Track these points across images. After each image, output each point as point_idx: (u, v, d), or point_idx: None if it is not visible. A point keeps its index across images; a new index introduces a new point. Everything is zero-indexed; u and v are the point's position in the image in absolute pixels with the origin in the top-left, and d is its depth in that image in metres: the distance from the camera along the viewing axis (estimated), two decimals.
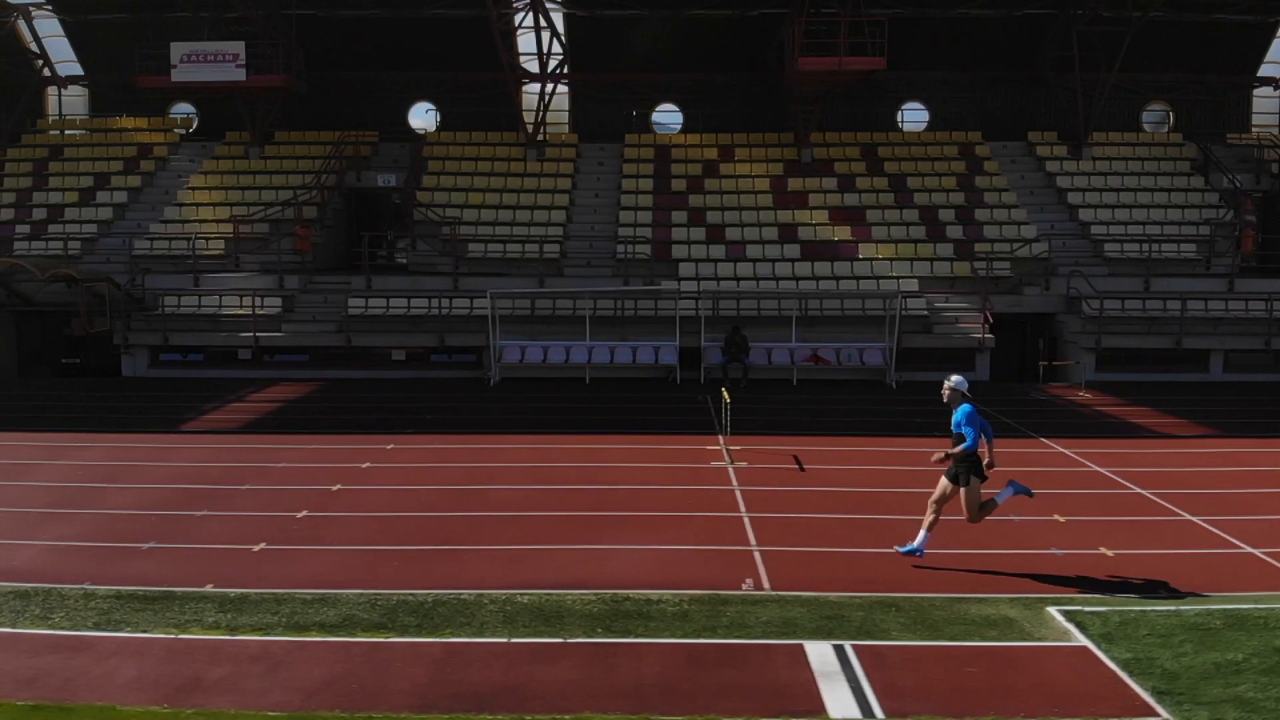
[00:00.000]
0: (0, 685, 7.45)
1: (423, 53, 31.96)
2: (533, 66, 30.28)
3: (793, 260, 25.39)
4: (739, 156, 29.85)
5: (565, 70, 30.68)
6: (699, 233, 26.54)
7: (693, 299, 23.27)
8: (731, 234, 26.49)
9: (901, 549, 10.53)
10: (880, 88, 31.14)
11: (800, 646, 8.32)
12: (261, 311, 23.77)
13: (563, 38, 29.78)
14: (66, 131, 32.38)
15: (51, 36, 33.01)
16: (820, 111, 29.50)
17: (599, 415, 18.91)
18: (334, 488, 13.40)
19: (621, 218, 27.42)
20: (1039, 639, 8.55)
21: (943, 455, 10.14)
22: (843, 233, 26.42)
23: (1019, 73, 31.91)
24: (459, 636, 8.45)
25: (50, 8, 31.60)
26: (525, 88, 32.91)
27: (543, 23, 30.38)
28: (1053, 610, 9.15)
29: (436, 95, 33.57)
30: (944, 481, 10.26)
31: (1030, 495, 10.55)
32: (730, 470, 14.39)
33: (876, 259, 25.41)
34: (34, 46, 32.13)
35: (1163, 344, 23.55)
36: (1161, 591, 9.66)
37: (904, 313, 22.76)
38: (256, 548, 10.86)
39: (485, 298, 23.88)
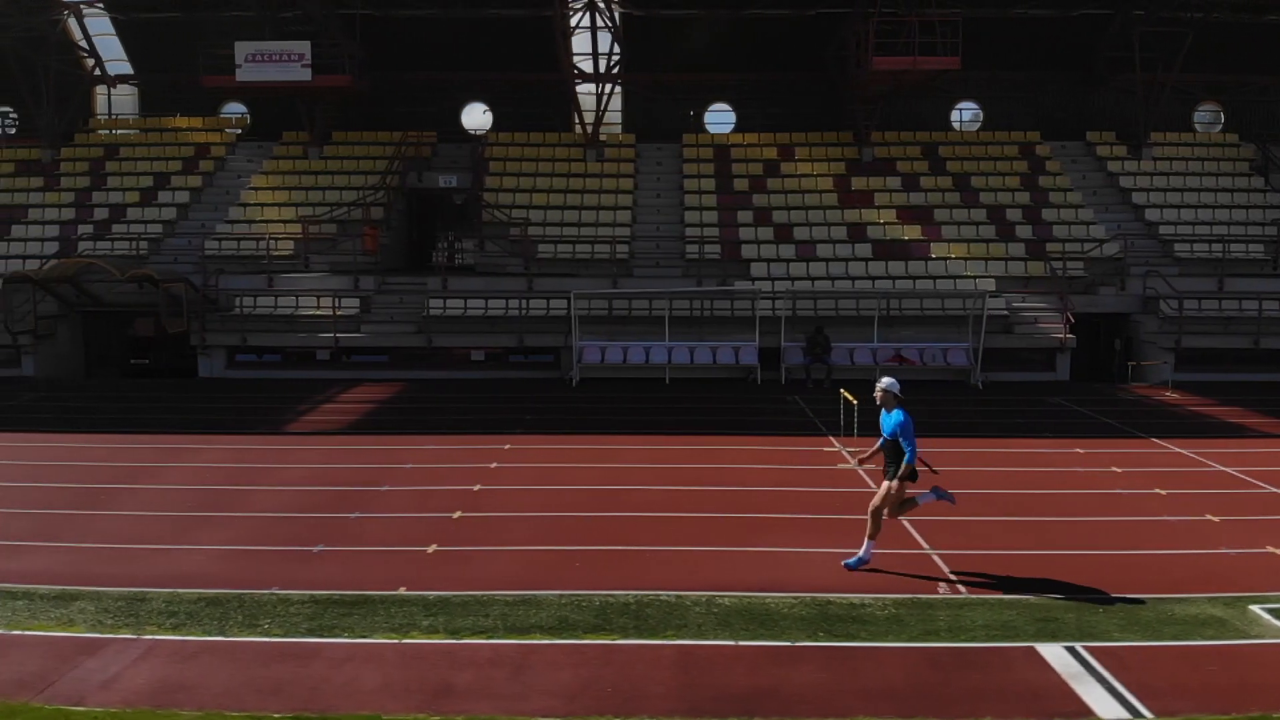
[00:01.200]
0: (243, 695, 7.35)
1: (476, 53, 31.85)
2: (587, 66, 30.25)
3: (865, 260, 25.35)
4: (799, 156, 29.79)
5: (619, 70, 30.59)
6: (766, 232, 26.48)
7: (769, 299, 23.20)
8: (800, 233, 26.44)
9: (848, 563, 10.15)
10: (934, 87, 31.09)
11: (1031, 649, 8.25)
12: (341, 312, 23.67)
13: (621, 38, 29.66)
14: (119, 131, 32.23)
15: (100, 35, 32.93)
16: (881, 111, 29.49)
17: (695, 416, 18.84)
18: (474, 488, 13.32)
19: (687, 218, 27.35)
20: (1256, 636, 8.52)
21: (867, 455, 10.18)
22: (912, 232, 26.39)
23: (1074, 72, 31.89)
24: (682, 639, 8.37)
25: (101, 5, 31.47)
26: (578, 88, 33.03)
27: (600, 22, 30.45)
28: (1257, 609, 9.11)
29: (490, 95, 33.48)
30: (883, 485, 10.13)
31: (952, 502, 10.47)
32: (860, 472, 14.30)
33: (950, 259, 25.36)
34: (83, 45, 31.94)
35: (1241, 344, 23.52)
36: None
37: (982, 313, 22.70)
38: (429, 549, 10.77)
39: (560, 298, 23.91)
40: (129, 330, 26.44)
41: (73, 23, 31.90)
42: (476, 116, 33.92)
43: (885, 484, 10.07)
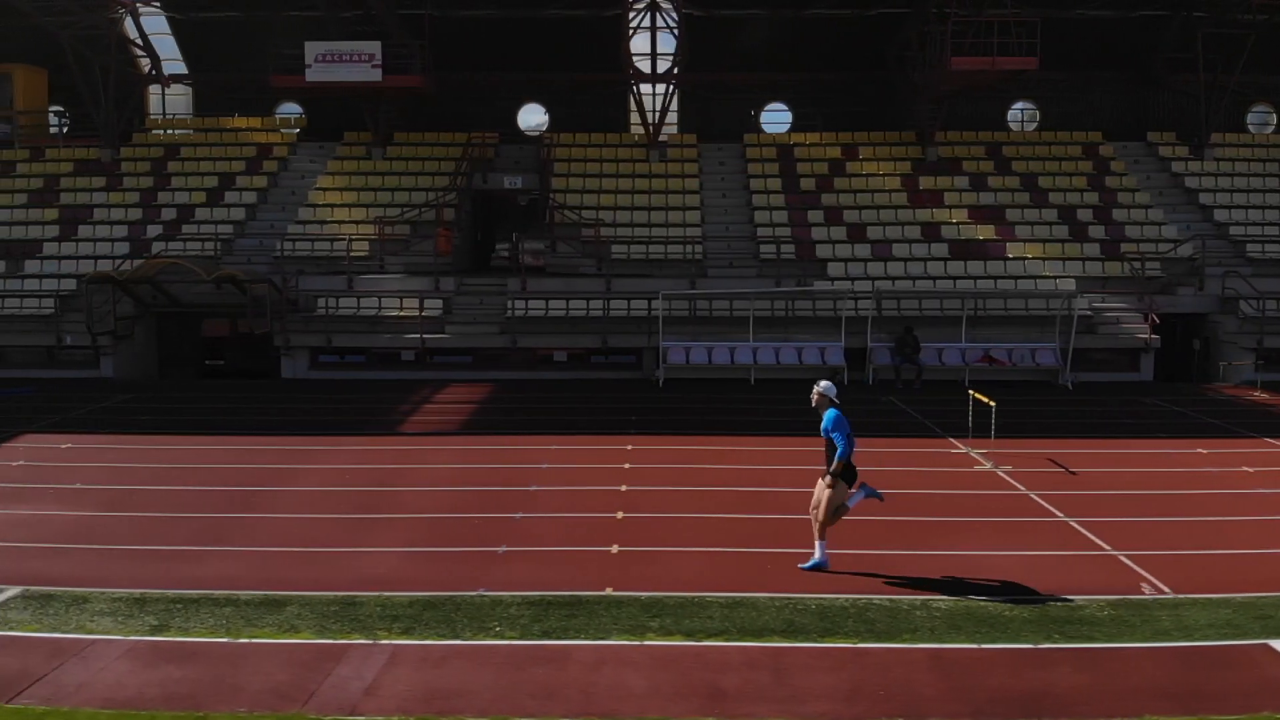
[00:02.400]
0: (518, 700, 7.27)
1: (532, 53, 31.77)
2: (644, 66, 30.19)
3: (944, 260, 25.33)
4: (863, 155, 29.76)
5: (677, 70, 30.53)
6: (839, 232, 26.44)
7: (853, 299, 23.18)
8: (873, 233, 26.41)
9: (804, 565, 10.11)
10: (998, 87, 31.08)
11: (1267, 646, 8.27)
12: (425, 314, 23.61)
13: (682, 39, 29.62)
14: (177, 131, 32.13)
15: (154, 35, 32.82)
16: (945, 111, 29.49)
17: (797, 417, 18.46)
18: (621, 488, 13.29)
19: (756, 218, 27.31)
20: None
21: (829, 480, 9.99)
22: (986, 231, 26.38)
23: (1129, 72, 31.90)
24: (922, 642, 8.31)
25: (158, 4, 31.39)
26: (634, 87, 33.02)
27: (661, 23, 30.45)
28: None
29: (545, 96, 33.46)
30: (820, 487, 10.11)
31: (880, 499, 10.48)
32: (1000, 474, 14.29)
33: (1027, 259, 25.36)
34: (139, 44, 31.79)
35: None
36: None
37: (1069, 313, 22.71)
38: (613, 549, 10.73)
39: (640, 299, 23.87)
40: (197, 331, 26.40)
41: (128, 22, 31.93)
42: (531, 117, 33.93)
43: (821, 488, 10.05)
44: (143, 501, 12.84)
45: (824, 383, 10.37)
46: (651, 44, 30.99)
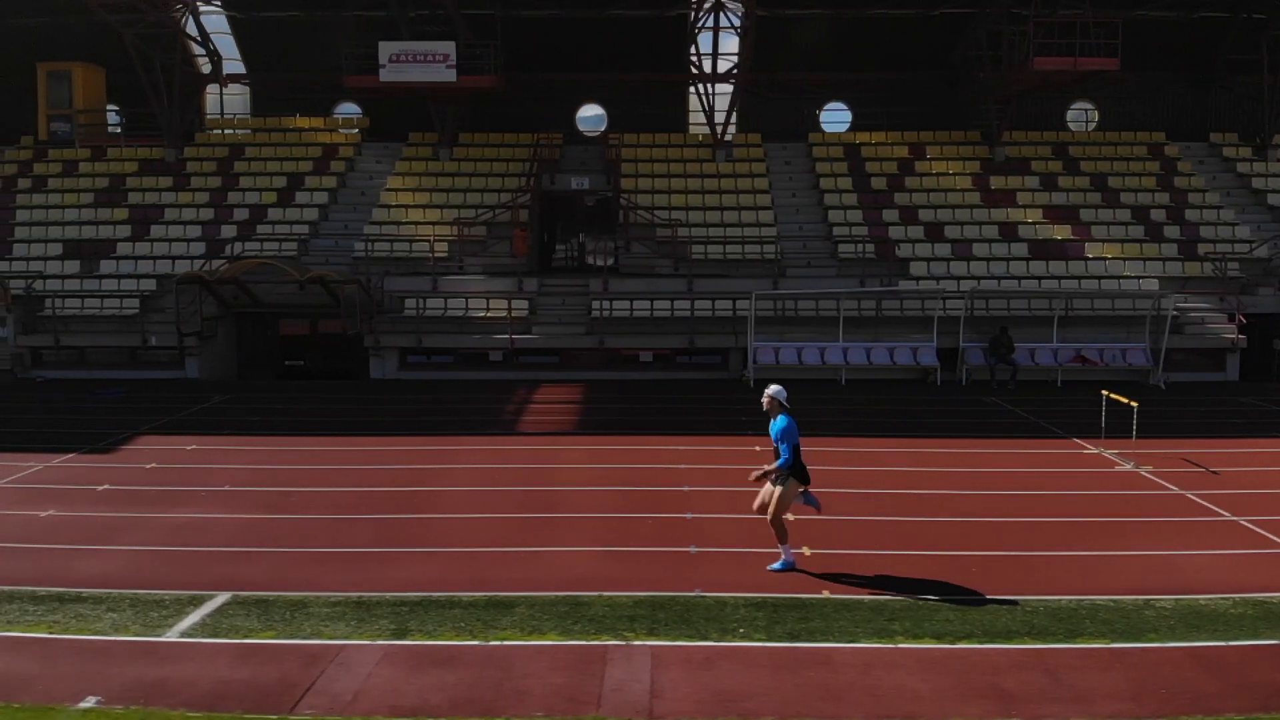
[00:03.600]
0: (813, 702, 7.28)
1: (592, 53, 31.73)
2: (706, 66, 30.15)
3: (1025, 259, 25.34)
4: (930, 155, 29.78)
5: (741, 71, 30.49)
6: (916, 231, 26.44)
7: (941, 299, 23.18)
8: (950, 232, 26.42)
9: (773, 566, 10.17)
10: (1062, 86, 31.08)
11: None
12: (516, 315, 23.61)
13: (750, 37, 29.58)
14: (240, 130, 32.04)
15: (212, 34, 32.75)
16: (1012, 111, 29.51)
17: (910, 418, 18.74)
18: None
19: (831, 217, 27.30)
20: None
21: (760, 474, 10.15)
22: (1063, 231, 26.40)
23: (1189, 73, 31.95)
24: (1168, 640, 8.33)
25: (219, 2, 31.30)
26: (693, 87, 33.02)
27: (724, 22, 30.41)
28: None
29: (604, 96, 33.42)
30: (767, 488, 10.17)
31: (818, 509, 10.57)
32: (1145, 474, 14.29)
33: (1107, 259, 25.38)
34: (201, 42, 31.71)
35: None
36: None
37: (1158, 313, 22.75)
38: (805, 551, 10.71)
39: (724, 299, 23.87)
40: (273, 331, 26.31)
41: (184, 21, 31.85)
42: (588, 117, 33.90)
43: (770, 488, 10.11)
44: (304, 504, 12.79)
45: (774, 387, 10.31)
46: (713, 44, 30.96)
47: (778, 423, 10.05)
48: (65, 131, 31.25)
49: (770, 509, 10.08)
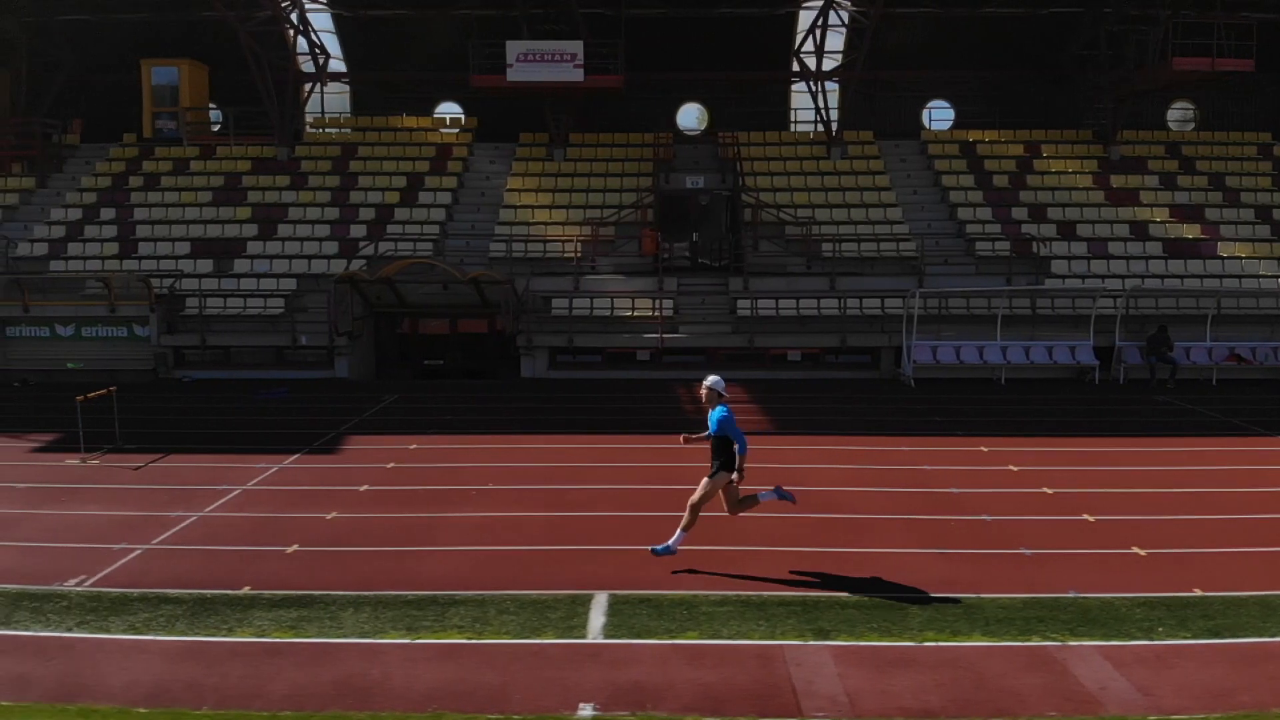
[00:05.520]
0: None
1: (694, 53, 31.73)
2: (807, 64, 30.15)
3: (1163, 258, 25.39)
4: (1046, 153, 29.83)
5: (849, 69, 30.49)
6: (1048, 229, 26.46)
7: (1091, 297, 23.25)
8: (1082, 230, 26.45)
9: (654, 548, 10.44)
10: (1185, 85, 31.10)
11: None
12: (657, 314, 23.55)
13: (870, 35, 29.56)
14: (348, 130, 31.91)
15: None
16: (1129, 110, 29.60)
17: (1090, 417, 18.78)
18: (1046, 490, 13.26)
19: (960, 214, 27.32)
20: None
21: (694, 438, 10.48)
22: (1192, 230, 26.47)
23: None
24: None
25: (324, 1, 31.16)
26: (794, 86, 33.07)
27: (833, 21, 30.38)
28: None
29: (706, 95, 33.39)
30: (705, 482, 10.27)
31: (793, 501, 10.71)
32: None
33: (1242, 258, 25.45)
34: (312, 41, 31.55)
35: None
36: None
37: None
38: (1140, 552, 10.71)
39: (872, 298, 23.88)
40: (396, 330, 26.22)
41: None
42: (690, 116, 33.88)
43: (704, 480, 10.21)
44: (587, 501, 12.74)
45: (712, 378, 10.37)
46: (820, 42, 30.92)
47: (715, 413, 10.09)
48: (171, 129, 31.13)
49: (697, 499, 10.16)
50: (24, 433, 17.50)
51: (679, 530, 10.35)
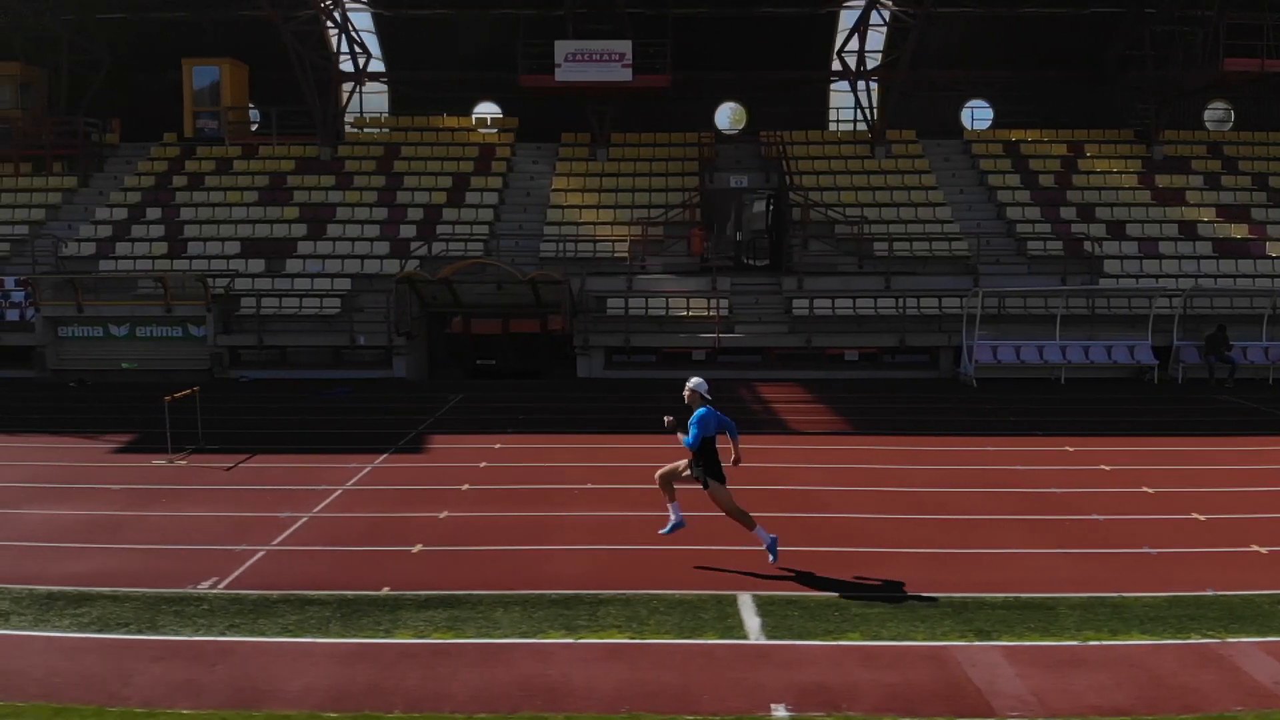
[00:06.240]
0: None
1: (732, 52, 31.77)
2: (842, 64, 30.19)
3: (1214, 258, 25.44)
4: (1089, 153, 29.87)
5: (893, 68, 30.50)
6: (1098, 229, 26.49)
7: (1147, 297, 23.31)
8: (1132, 230, 26.49)
9: (662, 530, 10.65)
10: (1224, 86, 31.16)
11: None
12: (712, 313, 23.56)
13: (916, 34, 29.55)
14: (391, 130, 31.88)
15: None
16: (1171, 110, 29.65)
17: (1165, 416, 18.85)
18: (1146, 490, 13.29)
19: (1009, 214, 27.34)
20: None
21: (673, 423, 10.47)
22: (1240, 230, 26.52)
23: None
24: None
25: (365, 1, 31.14)
26: (834, 85, 33.09)
27: (874, 20, 30.39)
28: None
29: (744, 94, 33.43)
30: (680, 464, 10.41)
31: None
32: None
33: None
34: (352, 39, 31.54)
35: None
36: None
37: None
38: (1262, 550, 10.77)
39: (930, 297, 23.90)
40: (444, 329, 26.21)
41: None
42: (724, 116, 33.90)
43: (706, 486, 10.23)
44: (688, 501, 12.72)
45: (695, 379, 10.40)
46: (861, 41, 30.92)
47: (696, 414, 10.10)
48: (213, 129, 31.09)
49: (724, 507, 10.22)
50: (97, 433, 17.51)
51: (670, 503, 10.54)
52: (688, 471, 10.30)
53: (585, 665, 7.96)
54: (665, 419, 10.62)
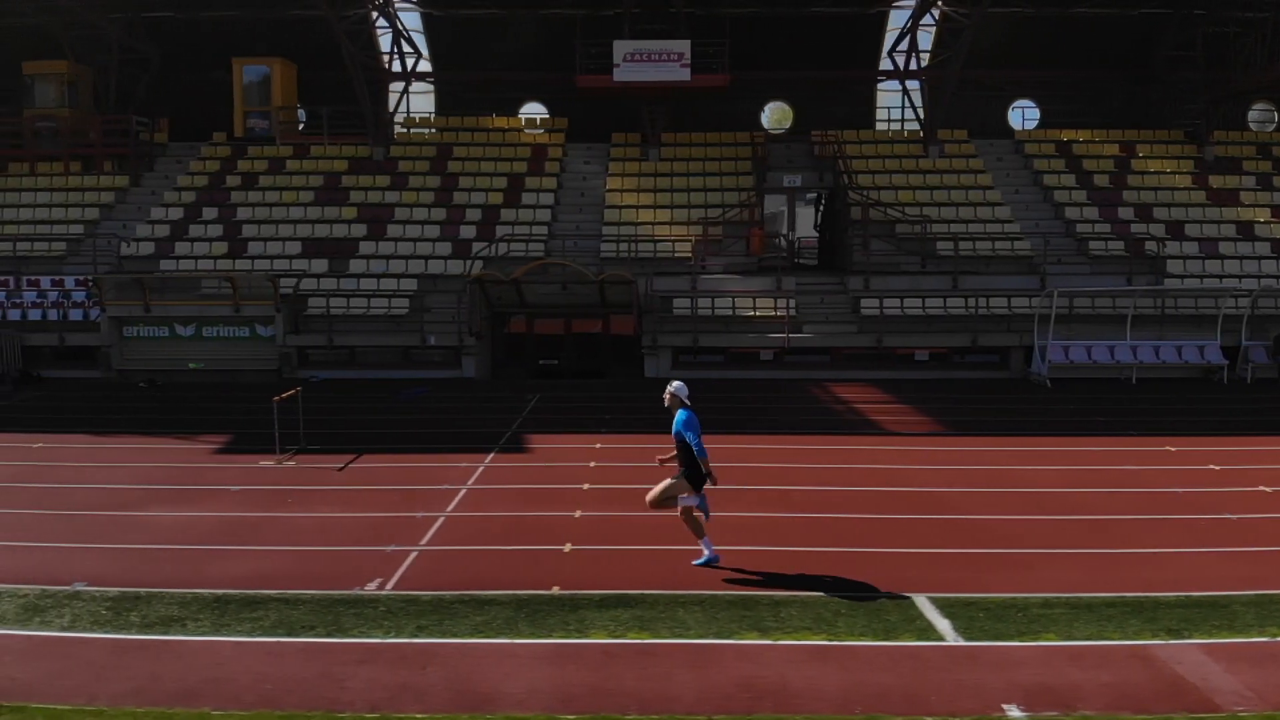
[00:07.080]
0: None
1: (780, 52, 31.81)
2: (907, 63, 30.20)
3: (1275, 259, 25.52)
4: (1142, 153, 29.94)
5: (945, 68, 30.51)
6: (1158, 229, 26.54)
7: (1216, 297, 23.40)
8: (1190, 230, 26.56)
9: (696, 561, 10.43)
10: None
11: None
12: (780, 313, 23.60)
13: (969, 35, 29.57)
14: (442, 130, 31.85)
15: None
16: (1222, 111, 29.75)
17: (1252, 416, 18.95)
18: (1264, 489, 13.38)
19: (1067, 214, 27.40)
20: None
21: (668, 459, 10.54)
22: None
23: None
24: None
25: (414, 0, 31.09)
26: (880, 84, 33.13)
27: (924, 20, 30.42)
28: None
29: (791, 94, 33.46)
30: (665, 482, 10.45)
31: (707, 517, 10.67)
32: None
33: None
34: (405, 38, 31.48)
35: None
36: None
37: None
38: None
39: (999, 297, 23.96)
40: (502, 329, 26.23)
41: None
42: (768, 115, 33.94)
43: (666, 480, 10.40)
44: (821, 503, 12.81)
45: (676, 383, 10.59)
46: (911, 41, 30.95)
47: (679, 417, 10.21)
48: (263, 128, 31.04)
49: (654, 493, 10.38)
50: (189, 434, 17.50)
51: (702, 541, 10.42)
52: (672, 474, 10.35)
53: (796, 667, 7.99)
54: (658, 459, 10.77)
